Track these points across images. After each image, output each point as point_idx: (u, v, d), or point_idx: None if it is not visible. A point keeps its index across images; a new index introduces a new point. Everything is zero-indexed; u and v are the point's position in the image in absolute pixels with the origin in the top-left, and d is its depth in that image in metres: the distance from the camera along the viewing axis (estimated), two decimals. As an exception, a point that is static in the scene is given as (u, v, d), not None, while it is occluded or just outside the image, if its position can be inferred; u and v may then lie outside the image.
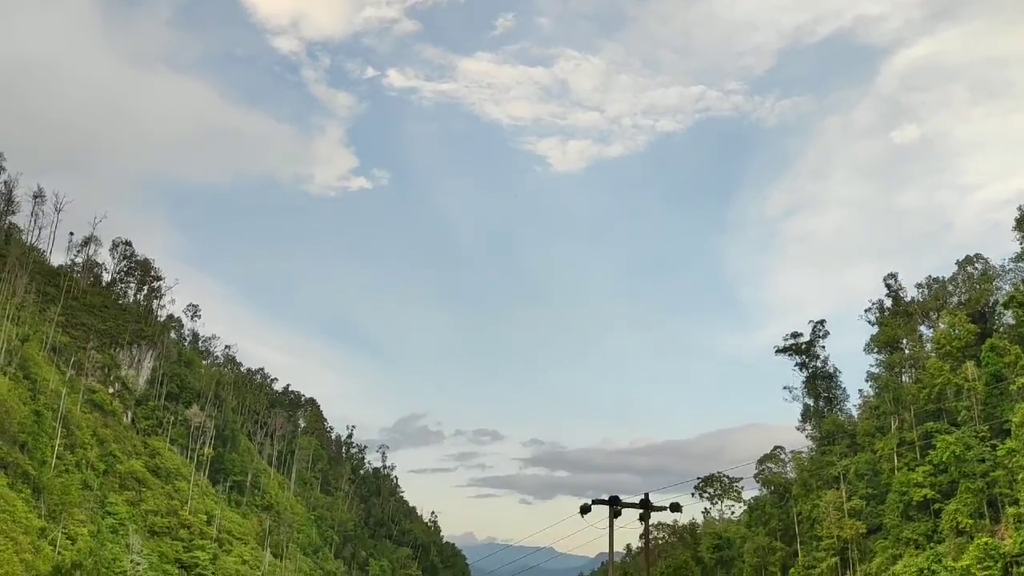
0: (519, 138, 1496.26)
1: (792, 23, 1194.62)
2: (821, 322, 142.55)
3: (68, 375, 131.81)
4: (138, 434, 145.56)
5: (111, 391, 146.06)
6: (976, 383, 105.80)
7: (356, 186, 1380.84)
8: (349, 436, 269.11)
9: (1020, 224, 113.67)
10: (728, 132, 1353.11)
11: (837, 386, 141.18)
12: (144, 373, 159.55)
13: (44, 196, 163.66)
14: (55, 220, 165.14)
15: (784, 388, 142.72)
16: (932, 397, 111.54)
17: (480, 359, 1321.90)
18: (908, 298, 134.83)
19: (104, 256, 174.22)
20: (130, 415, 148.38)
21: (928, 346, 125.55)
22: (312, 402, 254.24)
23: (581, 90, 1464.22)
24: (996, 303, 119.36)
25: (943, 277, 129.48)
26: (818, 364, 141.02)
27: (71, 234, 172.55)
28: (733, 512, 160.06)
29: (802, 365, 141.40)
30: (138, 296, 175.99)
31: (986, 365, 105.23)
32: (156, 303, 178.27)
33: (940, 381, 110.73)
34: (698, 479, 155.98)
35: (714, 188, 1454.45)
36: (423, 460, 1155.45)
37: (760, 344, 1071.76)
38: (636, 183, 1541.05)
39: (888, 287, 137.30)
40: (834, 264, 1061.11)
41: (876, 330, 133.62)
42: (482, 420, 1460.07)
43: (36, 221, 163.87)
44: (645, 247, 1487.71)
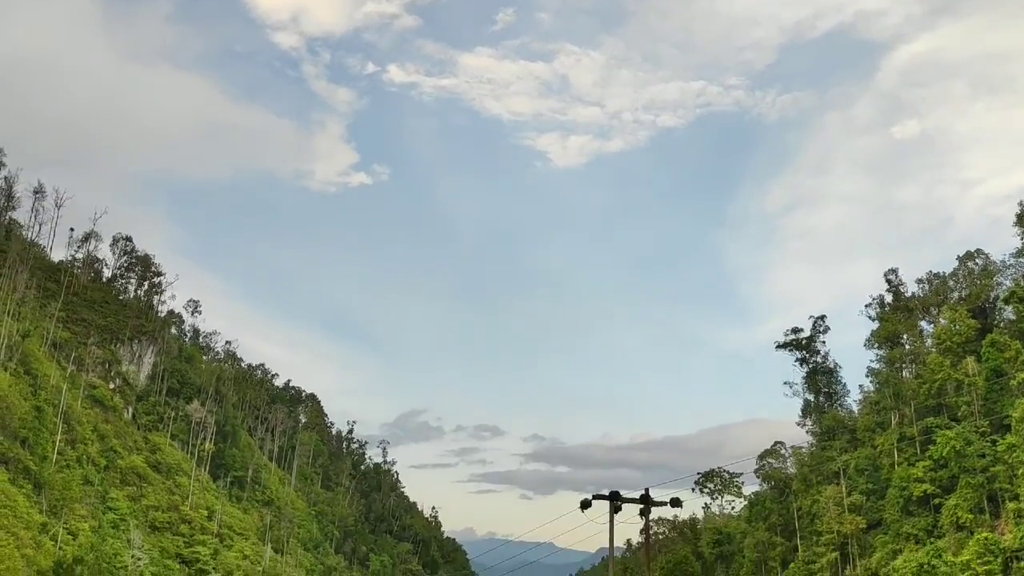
0: (519, 133, 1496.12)
1: (792, 18, 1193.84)
2: (821, 317, 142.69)
3: (69, 371, 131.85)
4: (139, 430, 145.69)
5: (112, 387, 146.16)
6: (976, 378, 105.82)
7: (356, 182, 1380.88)
8: (350, 432, 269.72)
9: (1021, 219, 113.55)
10: (729, 127, 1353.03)
11: (837, 381, 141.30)
12: (145, 369, 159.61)
13: (44, 192, 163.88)
14: (55, 216, 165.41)
15: (784, 383, 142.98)
16: (932, 392, 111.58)
17: (480, 355, 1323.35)
18: (908, 293, 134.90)
19: (104, 252, 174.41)
20: (131, 411, 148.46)
21: (928, 341, 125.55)
22: (313, 398, 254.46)
23: (581, 85, 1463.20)
24: (996, 298, 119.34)
25: (943, 272, 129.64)
26: (818, 360, 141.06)
27: (71, 230, 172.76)
28: (733, 507, 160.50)
29: (802, 360, 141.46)
30: (139, 292, 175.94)
31: (986, 360, 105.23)
32: (157, 299, 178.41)
33: (940, 376, 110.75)
34: (698, 474, 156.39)
35: (715, 183, 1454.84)
36: (424, 456, 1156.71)
37: (760, 339, 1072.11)
38: (637, 178, 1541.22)
39: (888, 282, 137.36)
40: (834, 259, 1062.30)
41: (877, 325, 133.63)
42: (482, 416, 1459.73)
43: (36, 217, 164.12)
44: (645, 243, 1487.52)
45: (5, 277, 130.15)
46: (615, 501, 33.66)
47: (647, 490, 34.42)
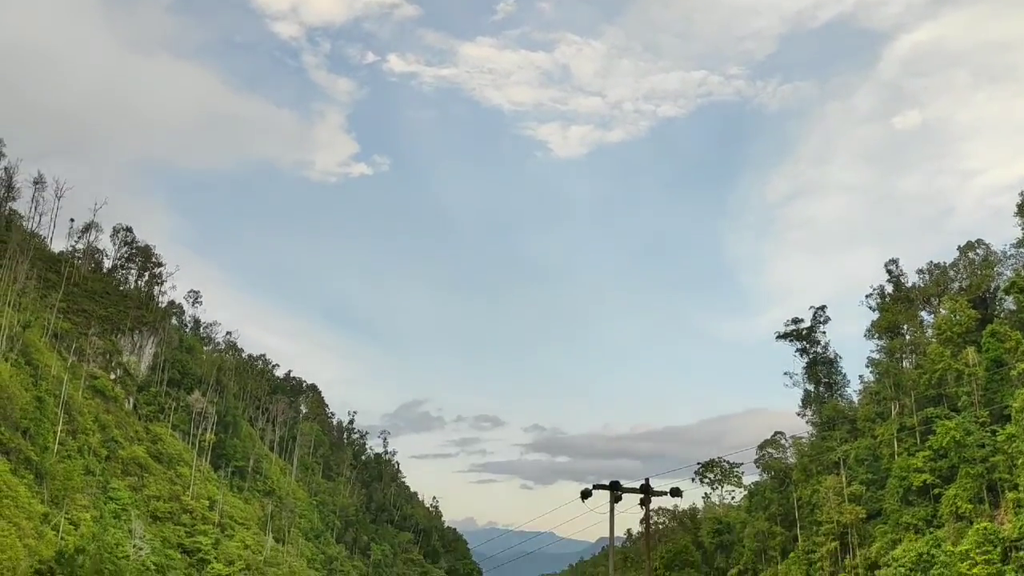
0: (520, 123, 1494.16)
1: (793, 7, 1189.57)
2: (822, 308, 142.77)
3: (70, 361, 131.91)
4: (140, 420, 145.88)
5: (113, 377, 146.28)
6: (977, 369, 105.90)
7: (357, 172, 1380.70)
8: (350, 422, 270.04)
9: (1021, 209, 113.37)
10: (729, 117, 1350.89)
11: (838, 372, 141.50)
12: (145, 359, 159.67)
13: (44, 182, 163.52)
14: (55, 206, 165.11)
15: (785, 374, 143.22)
16: (932, 383, 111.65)
17: (481, 345, 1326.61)
18: (909, 284, 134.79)
19: (105, 242, 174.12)
20: (132, 401, 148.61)
21: (929, 332, 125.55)
22: (313, 388, 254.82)
23: (582, 75, 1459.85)
24: (997, 289, 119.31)
25: (944, 263, 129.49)
26: (819, 350, 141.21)
27: (72, 220, 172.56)
28: (733, 497, 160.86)
29: (803, 351, 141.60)
30: (139, 282, 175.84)
31: (987, 351, 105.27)
32: (157, 289, 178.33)
33: (941, 367, 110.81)
34: (698, 464, 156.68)
35: (715, 173, 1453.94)
36: (424, 446, 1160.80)
37: (761, 330, 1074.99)
38: (637, 168, 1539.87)
39: (889, 273, 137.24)
40: (835, 249, 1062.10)
41: (877, 316, 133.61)
42: (483, 406, 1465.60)
43: (37, 207, 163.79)
44: (646, 233, 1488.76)
45: (5, 268, 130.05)
46: (615, 491, 33.63)
47: (647, 480, 34.34)
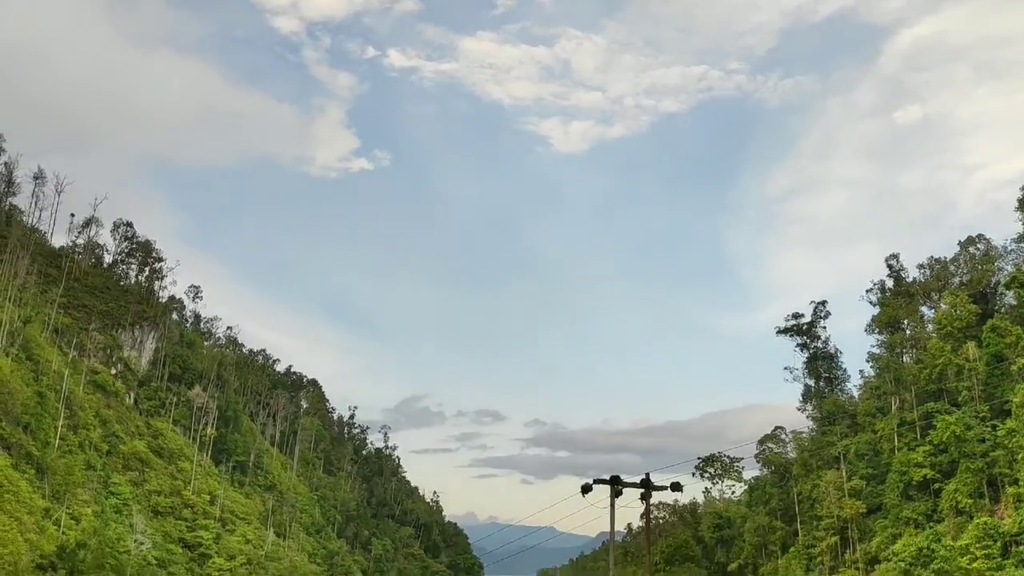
0: (521, 119, 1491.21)
1: (794, 2, 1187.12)
2: (822, 303, 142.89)
3: (70, 356, 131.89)
4: (141, 415, 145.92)
5: (113, 372, 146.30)
6: (977, 363, 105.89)
7: (357, 167, 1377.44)
8: (351, 417, 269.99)
9: (1022, 204, 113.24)
10: (730, 112, 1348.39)
11: (838, 367, 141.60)
12: (146, 354, 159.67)
13: (44, 178, 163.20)
14: (56, 202, 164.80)
15: (785, 369, 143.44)
16: (933, 377, 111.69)
17: (482, 340, 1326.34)
18: (910, 279, 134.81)
19: (105, 237, 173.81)
20: (132, 396, 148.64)
21: (929, 326, 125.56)
22: (314, 383, 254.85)
23: (583, 70, 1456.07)
24: (998, 284, 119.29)
25: (945, 258, 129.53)
26: (819, 345, 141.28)
27: (72, 215, 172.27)
28: (734, 492, 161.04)
29: (803, 346, 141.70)
30: (139, 277, 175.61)
31: (987, 345, 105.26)
32: (157, 284, 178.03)
33: (941, 361, 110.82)
34: (699, 459, 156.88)
35: (716, 169, 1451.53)
36: (425, 441, 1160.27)
37: (761, 325, 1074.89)
38: (638, 164, 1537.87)
39: (890, 267, 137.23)
40: (835, 245, 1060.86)
41: (877, 311, 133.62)
42: (484, 401, 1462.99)
43: (37, 203, 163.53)
44: (647, 228, 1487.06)
45: (6, 263, 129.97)
46: (616, 485, 33.38)
47: (648, 475, 34.14)
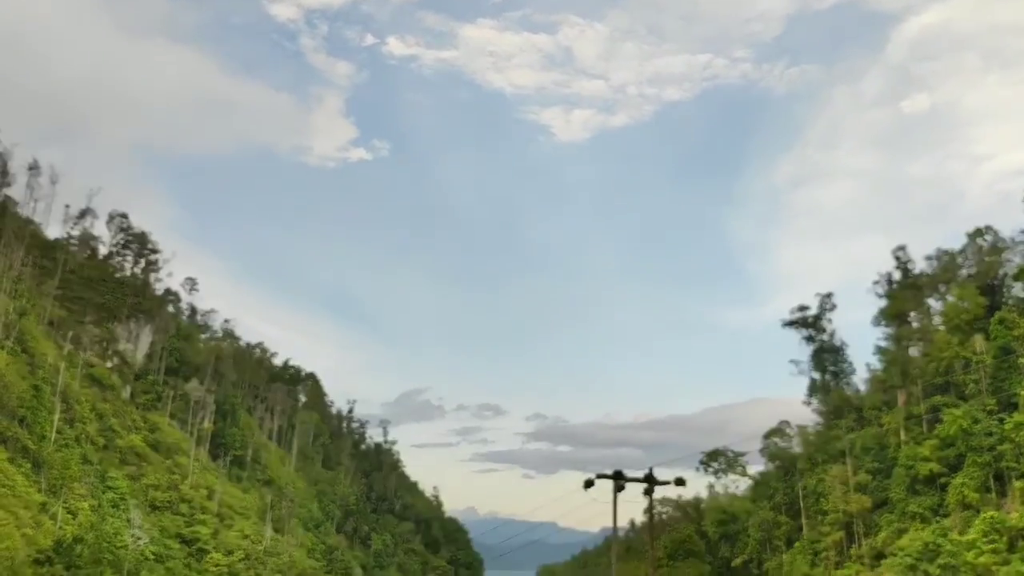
0: (522, 107, 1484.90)
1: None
2: (828, 295, 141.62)
3: (66, 349, 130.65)
4: (137, 409, 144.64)
5: (109, 365, 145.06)
6: (984, 356, 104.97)
7: (356, 157, 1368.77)
8: (350, 411, 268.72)
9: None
10: (735, 101, 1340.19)
11: (844, 360, 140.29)
12: (142, 347, 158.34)
13: (39, 168, 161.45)
14: (51, 193, 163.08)
15: (791, 362, 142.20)
16: (940, 370, 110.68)
17: (482, 333, 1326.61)
18: (917, 271, 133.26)
19: (100, 229, 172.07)
20: (129, 390, 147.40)
21: (936, 319, 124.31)
22: (312, 377, 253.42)
23: (585, 58, 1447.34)
24: (1006, 275, 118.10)
25: (952, 249, 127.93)
26: (825, 338, 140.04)
27: (67, 206, 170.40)
28: (738, 487, 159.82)
29: (809, 339, 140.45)
30: (135, 269, 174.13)
31: (995, 338, 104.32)
32: (153, 276, 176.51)
33: (948, 354, 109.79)
34: (702, 454, 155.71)
35: (720, 159, 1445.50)
36: (425, 435, 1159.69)
37: (766, 317, 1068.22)
38: (641, 153, 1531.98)
39: (897, 259, 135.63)
40: (842, 236, 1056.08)
41: (884, 303, 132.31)
42: (484, 395, 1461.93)
43: (32, 193, 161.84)
44: (650, 219, 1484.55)
45: (1, 254, 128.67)
46: (618, 480, 33.30)
47: (651, 469, 33.95)
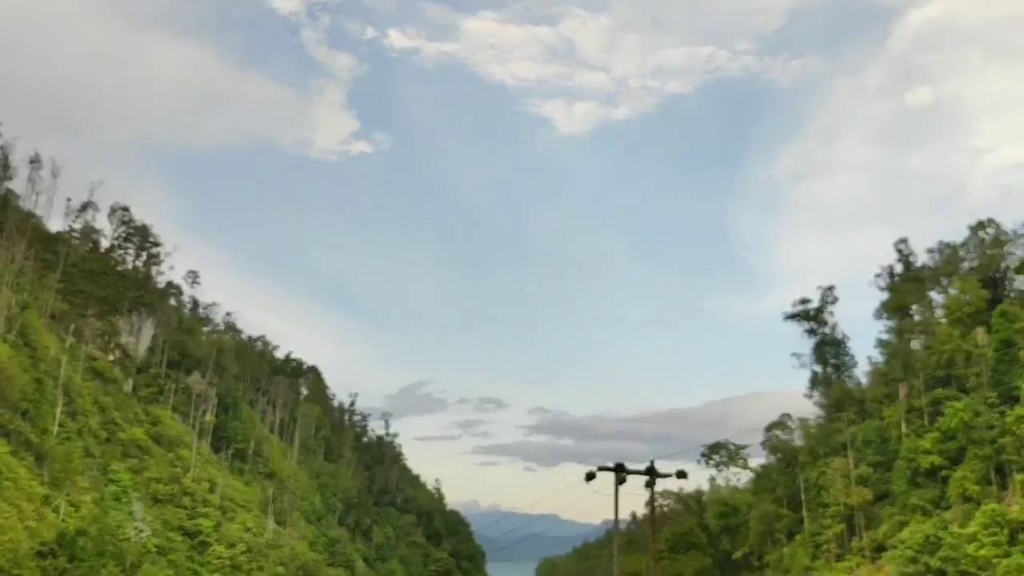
0: (524, 100, 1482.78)
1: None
2: (830, 288, 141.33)
3: (68, 342, 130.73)
4: (139, 402, 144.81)
5: (111, 359, 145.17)
6: (986, 349, 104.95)
7: (357, 150, 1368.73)
8: (352, 404, 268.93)
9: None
10: (737, 93, 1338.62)
11: (846, 352, 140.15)
12: (144, 340, 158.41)
13: (40, 161, 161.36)
14: (53, 186, 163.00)
15: (792, 355, 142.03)
16: (942, 363, 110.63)
17: (484, 326, 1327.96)
18: (919, 263, 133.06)
19: (102, 222, 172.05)
20: (131, 383, 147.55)
21: (938, 312, 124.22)
22: (314, 370, 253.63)
23: (587, 50, 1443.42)
24: (1008, 268, 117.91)
25: (954, 242, 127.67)
26: (827, 330, 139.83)
27: (68, 200, 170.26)
28: (739, 479, 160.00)
29: (811, 331, 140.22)
30: (137, 263, 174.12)
31: (996, 331, 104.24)
32: (155, 269, 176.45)
33: (950, 347, 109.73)
34: (704, 447, 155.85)
35: (722, 151, 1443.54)
36: (427, 428, 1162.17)
37: (768, 310, 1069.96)
38: (643, 146, 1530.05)
39: (899, 252, 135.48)
40: (844, 229, 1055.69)
41: (886, 296, 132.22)
42: (486, 388, 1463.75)
43: (33, 187, 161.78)
44: (651, 211, 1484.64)
45: (2, 248, 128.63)
46: (620, 473, 33.22)
47: (652, 462, 34.04)
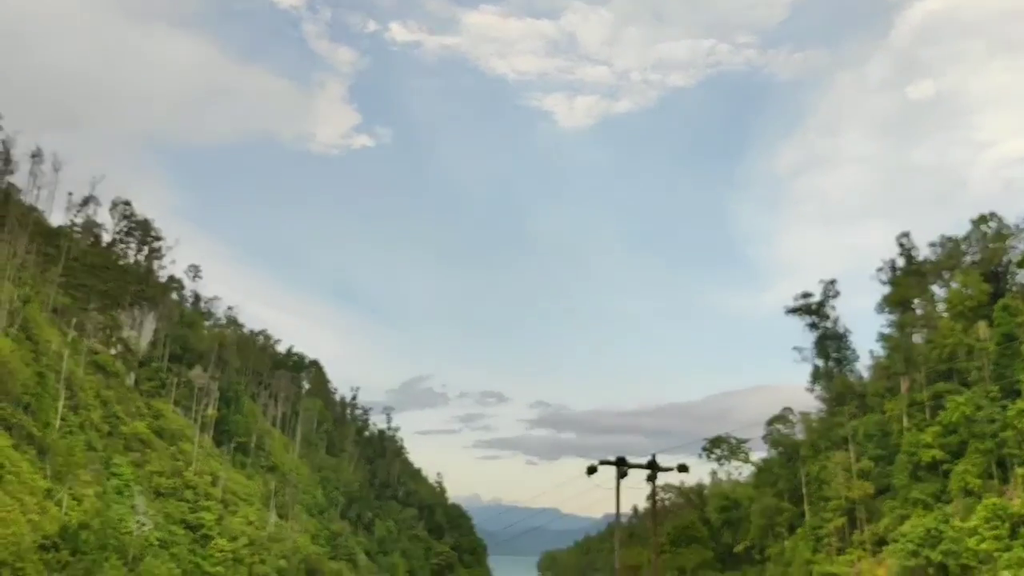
0: (525, 93, 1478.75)
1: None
2: (832, 282, 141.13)
3: (70, 336, 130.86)
4: (141, 395, 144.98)
5: (113, 352, 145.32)
6: (988, 343, 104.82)
7: (358, 144, 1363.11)
8: (353, 398, 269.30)
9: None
10: (739, 87, 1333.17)
11: (847, 347, 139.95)
12: (146, 334, 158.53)
13: (42, 155, 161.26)
14: (54, 180, 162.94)
15: (794, 349, 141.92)
16: (943, 357, 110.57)
17: (485, 320, 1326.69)
18: (921, 257, 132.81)
19: (104, 216, 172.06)
20: (133, 376, 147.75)
21: (940, 306, 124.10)
22: (316, 364, 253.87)
23: (589, 43, 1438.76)
24: (1010, 262, 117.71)
25: (956, 236, 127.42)
26: (828, 324, 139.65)
27: (70, 194, 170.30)
28: (740, 473, 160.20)
29: (812, 325, 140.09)
30: (138, 257, 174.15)
31: (998, 325, 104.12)
32: (157, 264, 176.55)
33: (952, 341, 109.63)
34: (705, 440, 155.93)
35: (724, 144, 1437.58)
36: (429, 422, 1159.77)
37: (769, 304, 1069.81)
38: (645, 140, 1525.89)
39: (901, 246, 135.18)
40: (845, 222, 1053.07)
41: (888, 290, 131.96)
42: (487, 382, 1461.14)
43: (35, 181, 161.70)
44: (653, 205, 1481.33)
45: (4, 242, 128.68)
46: (621, 467, 33.07)
47: (654, 456, 33.85)
